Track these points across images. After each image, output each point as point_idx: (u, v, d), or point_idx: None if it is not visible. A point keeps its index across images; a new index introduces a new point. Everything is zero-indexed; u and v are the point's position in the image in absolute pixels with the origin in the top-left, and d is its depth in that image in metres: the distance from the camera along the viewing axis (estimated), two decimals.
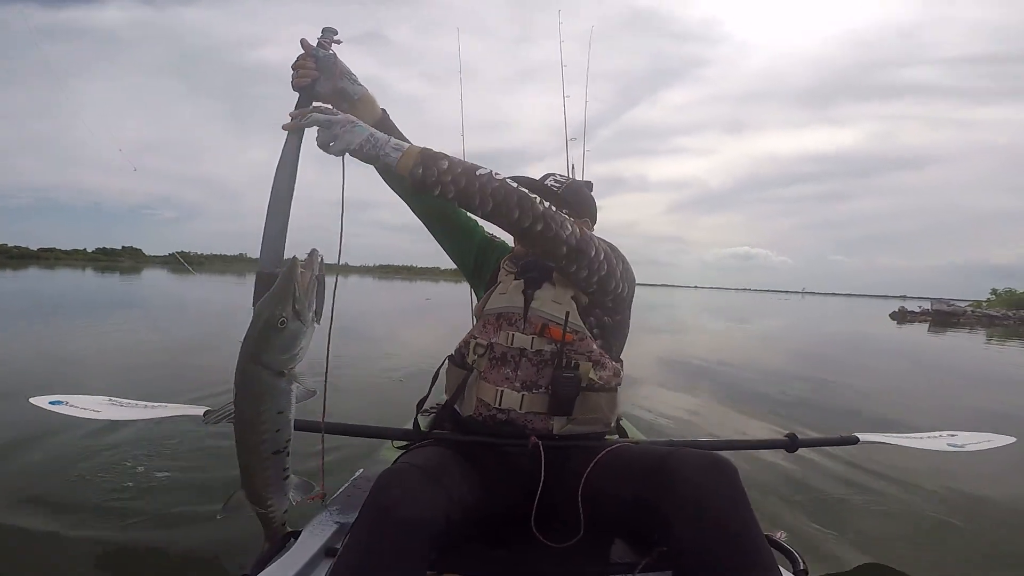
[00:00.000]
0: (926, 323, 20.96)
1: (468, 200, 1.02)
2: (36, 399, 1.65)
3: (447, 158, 1.01)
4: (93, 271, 36.58)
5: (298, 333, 0.87)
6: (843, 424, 3.66)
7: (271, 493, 0.98)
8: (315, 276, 0.89)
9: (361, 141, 0.98)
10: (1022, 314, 22.85)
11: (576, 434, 1.12)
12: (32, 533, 1.74)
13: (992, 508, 2.32)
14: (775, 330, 14.94)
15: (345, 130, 0.98)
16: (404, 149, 1.00)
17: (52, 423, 2.39)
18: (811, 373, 6.37)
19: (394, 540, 0.80)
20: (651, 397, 4.34)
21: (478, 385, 1.14)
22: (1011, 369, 8.58)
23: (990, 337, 14.63)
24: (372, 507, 0.84)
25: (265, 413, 0.90)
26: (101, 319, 8.28)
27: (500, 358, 1.14)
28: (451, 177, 0.99)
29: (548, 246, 1.05)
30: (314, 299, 0.89)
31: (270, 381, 0.88)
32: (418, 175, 0.98)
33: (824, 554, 1.80)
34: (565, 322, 1.09)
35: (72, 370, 4.42)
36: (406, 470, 0.91)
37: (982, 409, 4.62)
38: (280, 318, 0.84)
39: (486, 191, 1.00)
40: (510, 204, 1.01)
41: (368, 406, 3.64)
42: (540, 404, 1.10)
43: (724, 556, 0.80)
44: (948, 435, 1.81)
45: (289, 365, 0.88)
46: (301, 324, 0.87)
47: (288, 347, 0.87)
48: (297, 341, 0.87)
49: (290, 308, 0.85)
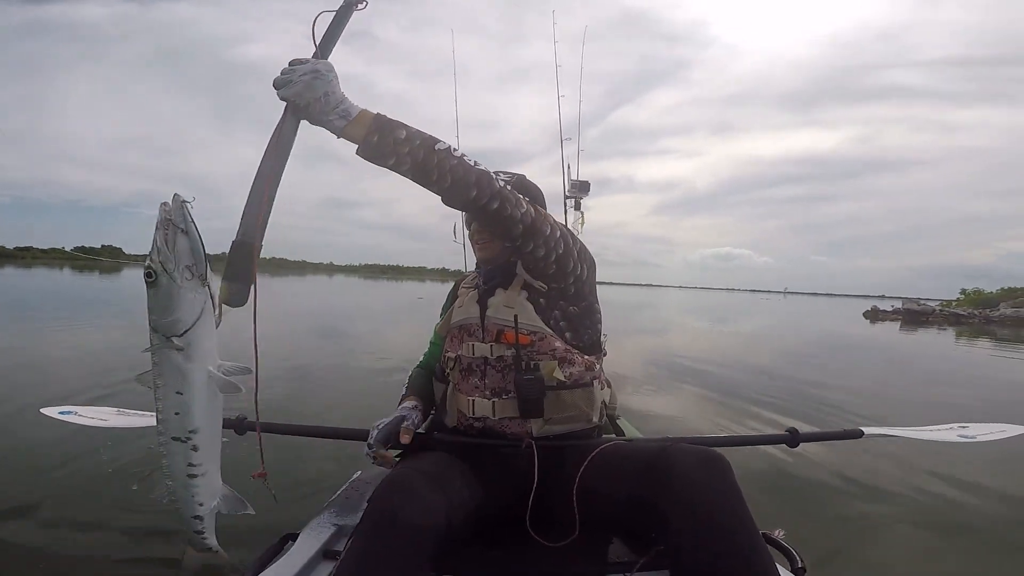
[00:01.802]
0: (897, 321, 21.69)
1: (425, 175, 0.95)
2: (47, 409, 1.69)
3: (404, 127, 0.93)
4: (71, 270, 35.64)
5: (171, 291, 0.79)
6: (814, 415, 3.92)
7: (178, 487, 0.92)
8: (175, 225, 0.79)
9: (313, 97, 0.88)
10: (987, 313, 23.75)
11: (559, 434, 1.12)
12: (32, 534, 1.77)
13: (998, 502, 2.30)
14: (751, 330, 15.27)
15: (304, 79, 0.87)
16: (355, 114, 0.92)
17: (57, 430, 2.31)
18: (784, 371, 6.62)
19: (397, 545, 0.80)
20: (643, 395, 4.43)
21: (455, 397, 1.17)
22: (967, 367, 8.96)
23: (958, 336, 14.93)
24: (375, 512, 0.84)
25: (161, 389, 0.85)
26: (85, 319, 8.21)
27: (467, 369, 1.16)
28: (408, 148, 0.93)
29: (504, 225, 1.04)
30: (180, 253, 0.79)
31: (161, 350, 0.82)
32: (372, 142, 0.91)
33: (823, 553, 1.78)
34: (516, 325, 1.09)
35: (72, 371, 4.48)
36: (408, 475, 0.91)
37: (932, 403, 5.01)
38: (146, 268, 0.78)
39: (444, 167, 0.94)
40: (468, 182, 0.96)
41: (369, 406, 3.62)
42: (511, 409, 1.11)
43: (717, 552, 0.79)
44: (959, 427, 1.73)
45: (173, 331, 0.81)
46: (171, 280, 0.79)
47: (165, 308, 0.80)
48: (173, 301, 0.80)
49: (156, 260, 0.78)
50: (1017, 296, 25.35)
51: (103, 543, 1.74)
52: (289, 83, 0.87)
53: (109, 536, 1.77)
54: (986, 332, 16.78)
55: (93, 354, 5.28)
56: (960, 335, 15.31)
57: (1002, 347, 11.88)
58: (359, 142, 0.92)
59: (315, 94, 0.88)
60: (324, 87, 0.89)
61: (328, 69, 0.89)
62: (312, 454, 2.38)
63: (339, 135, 0.92)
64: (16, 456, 2.43)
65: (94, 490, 2.09)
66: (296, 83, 0.87)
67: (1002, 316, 22.77)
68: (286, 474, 2.22)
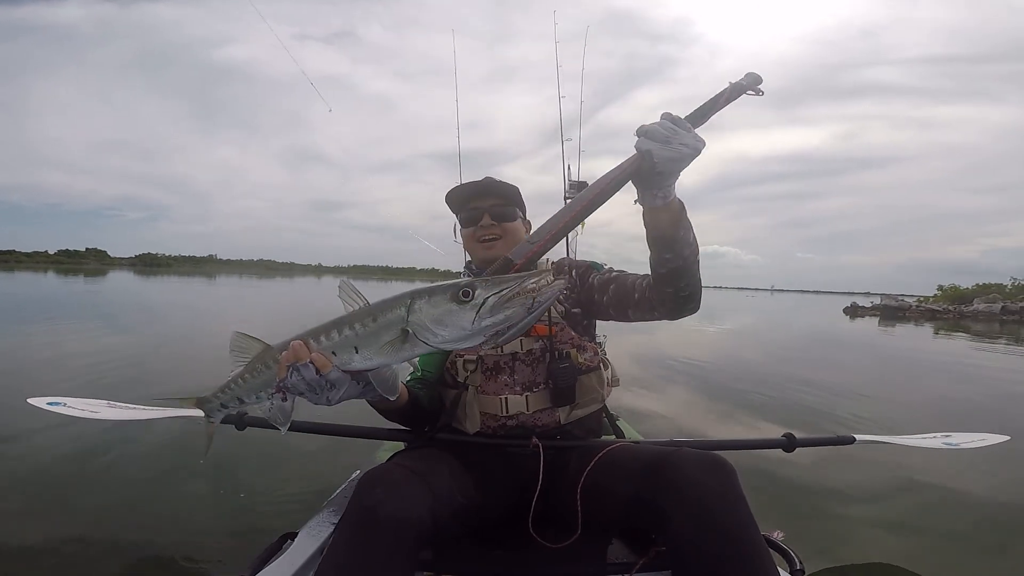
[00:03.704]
0: (876, 317, 22.18)
1: (680, 276, 0.93)
2: (34, 400, 1.60)
3: (691, 229, 0.91)
4: (55, 274, 35.11)
5: (450, 319, 0.73)
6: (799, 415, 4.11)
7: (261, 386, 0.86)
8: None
9: (674, 170, 0.83)
10: (961, 308, 24.45)
11: (580, 419, 1.16)
12: (31, 534, 1.77)
13: (986, 505, 2.37)
14: (738, 327, 15.56)
15: (684, 150, 0.81)
16: (670, 199, 0.86)
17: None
18: (769, 367, 6.88)
19: (379, 538, 0.81)
20: (635, 395, 4.40)
21: (478, 400, 1.14)
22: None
23: (936, 332, 15.29)
24: (356, 506, 0.85)
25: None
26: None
27: (494, 368, 1.15)
28: (689, 251, 0.91)
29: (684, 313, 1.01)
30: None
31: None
32: (668, 232, 0.88)
33: (822, 553, 1.80)
34: (548, 317, 1.12)
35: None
36: (390, 469, 0.92)
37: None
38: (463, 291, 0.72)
39: (697, 276, 0.95)
40: (699, 289, 0.97)
41: (368, 405, 3.87)
42: (543, 400, 1.13)
43: (722, 557, 0.80)
44: (943, 436, 1.79)
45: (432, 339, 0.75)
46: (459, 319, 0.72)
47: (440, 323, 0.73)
48: (447, 325, 0.73)
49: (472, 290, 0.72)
50: (990, 292, 26.14)
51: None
52: (667, 143, 0.81)
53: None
54: (960, 327, 17.34)
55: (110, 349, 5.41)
56: (937, 331, 15.62)
57: (950, 339, 12.25)
58: (660, 226, 0.89)
59: (678, 167, 0.83)
60: (686, 165, 0.83)
61: (703, 149, 0.84)
62: (311, 453, 2.44)
63: (646, 209, 0.89)
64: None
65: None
66: (674, 148, 0.81)
67: (975, 311, 23.51)
68: (285, 473, 2.33)
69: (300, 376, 0.76)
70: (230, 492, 2.23)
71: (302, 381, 0.76)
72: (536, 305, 0.70)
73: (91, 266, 63.15)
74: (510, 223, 1.22)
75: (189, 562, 1.65)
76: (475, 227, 1.22)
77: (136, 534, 1.82)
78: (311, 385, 0.77)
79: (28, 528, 1.85)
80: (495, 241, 1.21)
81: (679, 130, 0.82)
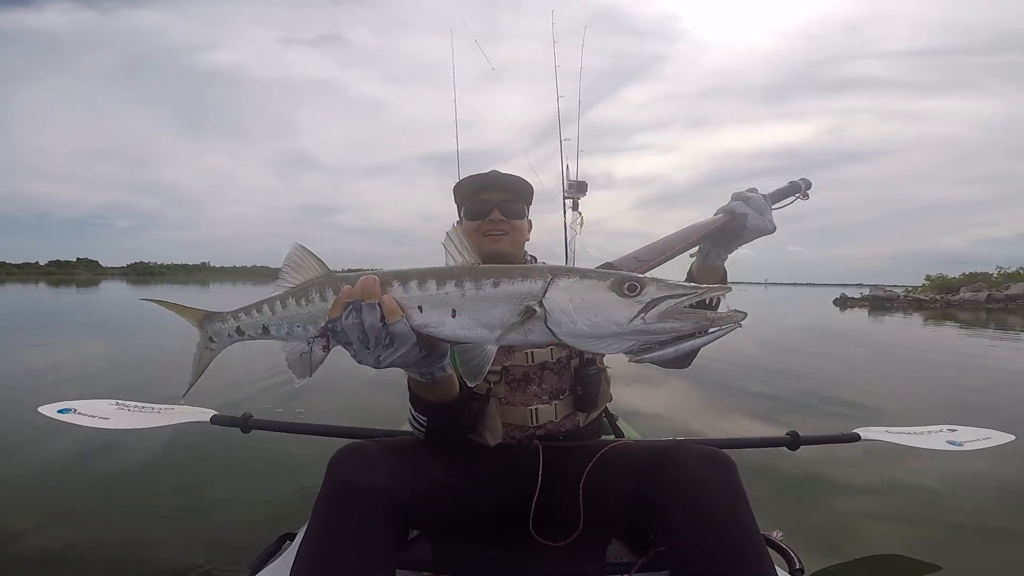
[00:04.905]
0: (865, 308, 22.48)
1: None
2: (44, 408, 1.60)
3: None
4: (47, 285, 34.65)
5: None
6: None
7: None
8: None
9: (755, 236, 1.02)
10: (948, 298, 24.79)
11: (567, 433, 1.15)
12: (30, 535, 1.79)
13: (990, 502, 2.34)
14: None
15: (767, 224, 1.01)
16: (720, 263, 1.05)
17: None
18: (765, 358, 7.01)
19: (353, 509, 0.80)
20: (634, 393, 4.36)
21: (501, 412, 1.10)
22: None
23: (925, 320, 15.55)
24: (328, 483, 0.84)
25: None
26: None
27: (522, 379, 1.12)
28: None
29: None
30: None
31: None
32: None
33: (822, 553, 1.79)
34: None
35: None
36: (361, 445, 0.91)
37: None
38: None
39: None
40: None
41: (368, 405, 3.64)
42: (568, 407, 1.14)
43: (721, 556, 0.79)
44: (948, 430, 1.79)
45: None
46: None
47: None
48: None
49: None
50: (976, 281, 26.58)
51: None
52: (760, 214, 1.01)
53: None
54: (947, 316, 17.48)
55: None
56: (926, 320, 15.76)
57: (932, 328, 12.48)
58: (707, 282, 0.92)
59: (755, 237, 1.02)
60: (757, 238, 1.03)
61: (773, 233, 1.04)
62: (311, 453, 2.40)
63: (702, 265, 1.06)
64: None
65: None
66: (764, 220, 1.01)
67: (961, 300, 23.88)
68: (285, 473, 2.35)
69: (359, 319, 0.66)
70: (229, 492, 2.27)
71: (358, 326, 0.66)
72: (712, 331, 0.63)
73: (83, 276, 61.89)
74: (518, 220, 1.20)
75: (189, 562, 1.66)
76: (483, 220, 1.17)
77: (135, 534, 1.84)
78: (367, 334, 0.67)
79: (28, 529, 1.87)
80: (503, 236, 1.17)
81: (768, 207, 1.01)
